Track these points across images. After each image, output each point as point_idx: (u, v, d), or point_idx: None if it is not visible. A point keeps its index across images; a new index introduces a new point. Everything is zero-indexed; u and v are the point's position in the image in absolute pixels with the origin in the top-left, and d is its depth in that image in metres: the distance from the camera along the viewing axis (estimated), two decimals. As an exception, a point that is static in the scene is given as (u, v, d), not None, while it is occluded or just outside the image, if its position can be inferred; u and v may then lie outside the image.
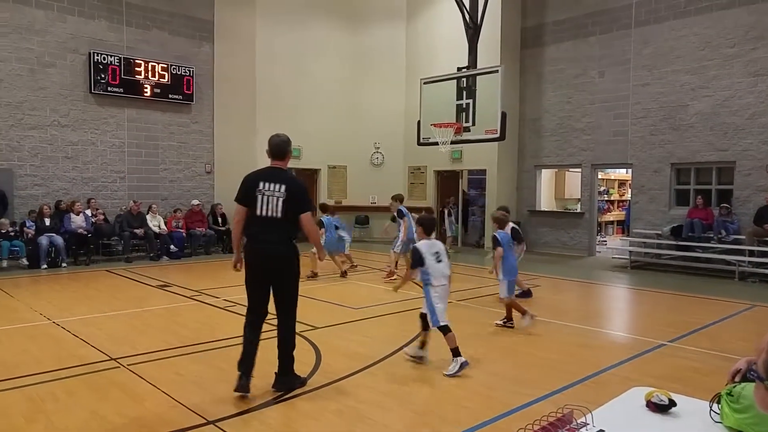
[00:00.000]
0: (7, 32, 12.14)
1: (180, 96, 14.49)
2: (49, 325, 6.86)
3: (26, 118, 12.44)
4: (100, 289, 9.35)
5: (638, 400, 2.37)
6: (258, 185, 4.51)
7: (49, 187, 12.70)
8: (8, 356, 5.66)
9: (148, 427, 4.04)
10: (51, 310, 7.59)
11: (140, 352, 5.77)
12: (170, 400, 4.51)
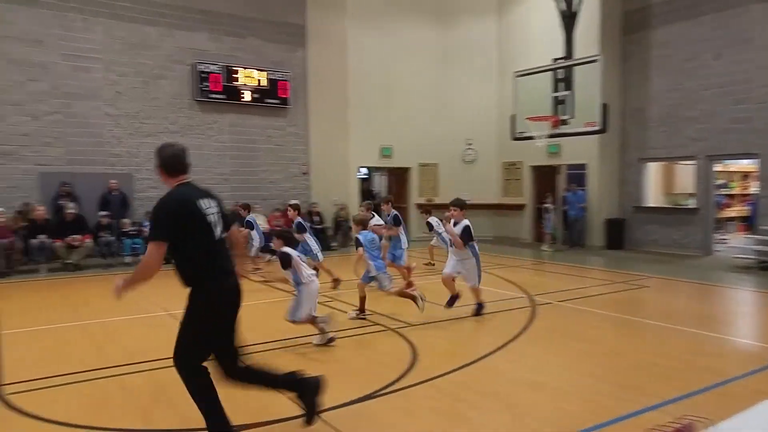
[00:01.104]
0: (125, 49, 13.35)
1: (276, 100, 15.19)
2: (165, 316, 7.45)
3: (142, 126, 13.62)
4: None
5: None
6: (200, 206, 3.52)
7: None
8: (132, 343, 6.23)
9: (252, 414, 4.28)
10: (166, 302, 8.23)
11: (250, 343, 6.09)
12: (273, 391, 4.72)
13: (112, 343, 6.22)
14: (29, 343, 6.28)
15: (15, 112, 12.29)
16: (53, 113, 12.70)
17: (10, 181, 12.26)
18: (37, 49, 12.43)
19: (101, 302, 8.39)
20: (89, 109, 13.05)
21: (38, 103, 12.51)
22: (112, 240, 12.07)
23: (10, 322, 7.21)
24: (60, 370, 5.32)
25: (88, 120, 13.05)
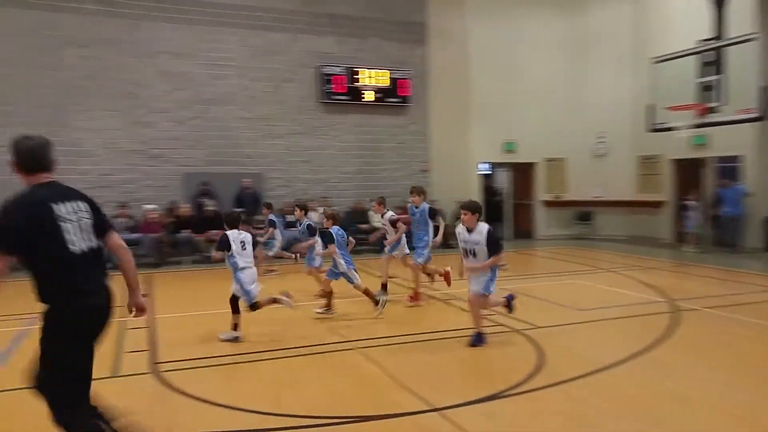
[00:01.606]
0: (256, 56, 14.38)
1: (397, 99, 15.49)
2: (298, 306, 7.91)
3: (272, 128, 14.57)
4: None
5: None
6: (55, 212, 2.97)
7: (291, 187, 14.68)
8: (263, 330, 6.69)
9: (379, 406, 4.41)
10: (298, 292, 8.74)
11: (371, 338, 6.31)
12: (397, 386, 4.84)
13: (251, 329, 6.72)
14: (179, 327, 6.99)
15: (164, 118, 13.74)
16: (195, 118, 14.01)
17: (160, 181, 13.73)
18: (183, 60, 13.79)
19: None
20: (225, 114, 14.23)
21: (183, 110, 13.88)
22: (246, 235, 13.05)
23: (164, 308, 8.07)
24: (205, 353, 5.87)
25: (224, 124, 14.23)
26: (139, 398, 4.62)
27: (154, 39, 13.56)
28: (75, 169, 13.03)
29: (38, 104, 12.69)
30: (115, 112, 13.31)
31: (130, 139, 13.48)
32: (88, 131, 13.13)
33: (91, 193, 11.63)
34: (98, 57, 13.08)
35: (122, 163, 13.42)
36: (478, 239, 5.83)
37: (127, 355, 5.78)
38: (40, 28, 12.63)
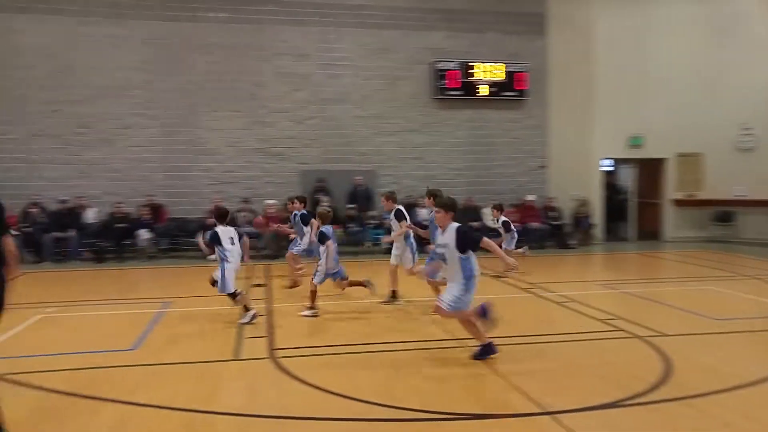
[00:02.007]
0: (370, 54, 14.72)
1: (513, 93, 15.10)
2: (404, 303, 8.02)
3: (385, 126, 14.85)
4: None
5: None
6: None
7: (401, 184, 14.85)
8: (374, 324, 6.85)
9: (488, 404, 4.35)
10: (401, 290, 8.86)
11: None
12: (507, 385, 4.74)
13: (359, 323, 6.93)
14: (295, 317, 7.35)
15: (283, 118, 14.51)
16: (312, 118, 14.66)
17: (279, 178, 14.54)
18: (301, 62, 14.48)
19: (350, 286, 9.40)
20: (340, 113, 14.73)
21: (301, 110, 14.57)
22: (357, 230, 13.44)
23: (280, 297, 8.55)
24: (317, 342, 6.15)
25: (339, 122, 14.74)
26: (258, 381, 4.94)
27: (275, 42, 14.36)
28: (201, 166, 14.23)
29: (171, 107, 13.98)
30: (238, 113, 14.29)
31: (251, 138, 14.41)
32: (214, 131, 14.22)
33: (216, 189, 12.66)
34: (224, 61, 14.11)
35: (244, 160, 14.38)
36: (447, 242, 5.17)
37: (247, 340, 6.19)
38: (172, 36, 13.89)
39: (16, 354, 5.70)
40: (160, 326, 6.79)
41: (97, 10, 13.48)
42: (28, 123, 13.37)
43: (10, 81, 13.21)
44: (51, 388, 4.65)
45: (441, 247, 5.27)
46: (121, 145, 13.79)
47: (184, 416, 4.16)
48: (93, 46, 13.52)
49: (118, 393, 4.55)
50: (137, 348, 5.91)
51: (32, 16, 13.22)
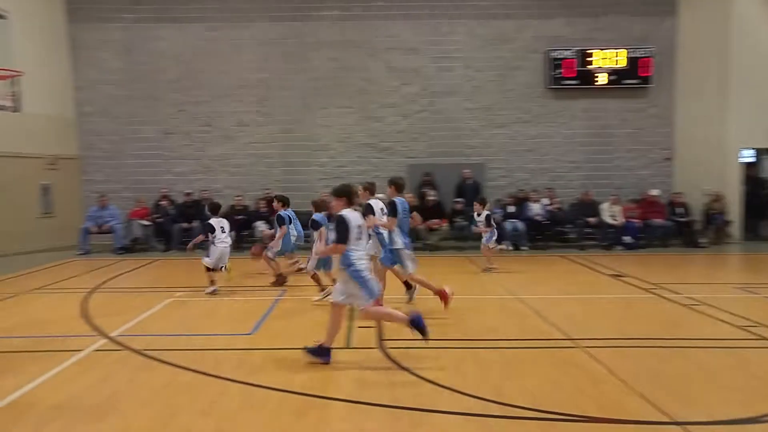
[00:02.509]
0: (483, 45, 14.52)
1: (636, 80, 14.22)
2: (513, 300, 7.88)
3: (495, 118, 14.61)
4: (557, 273, 10.17)
5: None
6: None
7: (512, 177, 14.57)
8: (484, 321, 6.80)
9: (605, 408, 4.16)
10: (514, 287, 8.69)
11: (596, 337, 5.97)
12: (627, 389, 4.50)
13: (471, 319, 6.88)
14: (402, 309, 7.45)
15: (392, 113, 14.74)
16: (421, 111, 14.75)
17: (388, 172, 14.67)
18: (412, 56, 14.60)
19: (458, 280, 9.37)
20: (450, 105, 14.68)
21: (409, 104, 14.72)
22: (465, 225, 13.32)
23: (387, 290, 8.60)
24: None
25: (448, 115, 14.70)
26: (368, 370, 5.08)
27: (385, 37, 14.60)
28: (314, 161, 14.83)
29: (286, 104, 14.70)
30: (349, 109, 14.72)
31: (361, 133, 14.79)
32: (326, 127, 14.76)
33: (328, 183, 13.13)
34: (338, 58, 14.60)
35: (354, 155, 14.80)
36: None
37: (358, 330, 6.38)
38: (288, 36, 14.57)
39: (150, 332, 6.31)
40: (275, 314, 7.19)
41: (222, 16, 14.51)
42: (160, 122, 14.69)
43: (147, 84, 14.59)
44: (182, 366, 5.09)
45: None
46: (241, 142, 14.74)
47: (300, 399, 4.38)
48: (217, 49, 14.56)
49: (240, 374, 4.89)
50: (255, 333, 6.30)
51: (170, 25, 14.51)
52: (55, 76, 13.98)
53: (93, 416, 4.07)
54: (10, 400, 4.36)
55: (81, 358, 5.37)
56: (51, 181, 13.74)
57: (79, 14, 14.44)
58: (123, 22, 14.49)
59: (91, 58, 14.55)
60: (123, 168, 14.76)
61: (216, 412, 4.12)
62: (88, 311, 7.28)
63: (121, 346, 5.74)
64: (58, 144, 14.10)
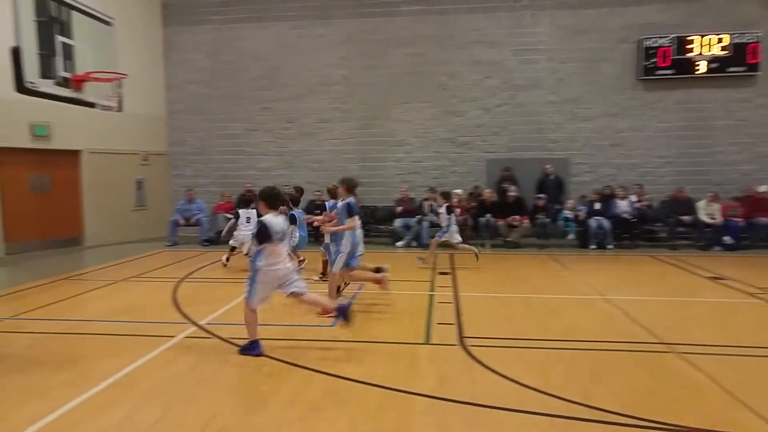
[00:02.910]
0: (568, 36, 14.02)
1: (741, 68, 13.24)
2: (599, 300, 7.57)
3: (580, 111, 14.08)
4: (645, 274, 9.68)
5: None
6: None
7: (597, 173, 13.99)
8: (570, 321, 6.58)
9: (709, 419, 3.91)
10: (599, 287, 8.35)
11: (693, 343, 5.62)
12: (734, 401, 4.21)
13: (552, 318, 6.70)
14: (481, 306, 7.37)
15: (473, 107, 14.55)
16: (501, 105, 14.46)
17: (465, 167, 14.65)
18: (494, 49, 14.34)
19: (540, 279, 9.15)
20: (532, 99, 14.30)
21: (490, 98, 14.47)
22: (547, 222, 12.96)
23: (465, 286, 8.63)
24: (507, 334, 6.08)
25: (530, 109, 14.33)
26: (449, 366, 5.05)
27: (466, 31, 14.42)
28: (391, 157, 14.91)
29: (365, 100, 14.85)
30: (428, 104, 14.68)
31: (440, 128, 14.71)
32: (403, 122, 14.79)
33: (404, 178, 13.26)
34: (418, 53, 14.58)
35: (432, 150, 14.75)
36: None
37: (437, 326, 6.36)
38: (369, 32, 14.70)
39: (235, 322, 6.55)
40: (356, 306, 7.29)
41: (306, 14, 14.86)
42: (245, 119, 15.28)
43: (233, 83, 15.22)
44: (268, 355, 5.27)
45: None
46: (321, 138, 15.07)
47: (382, 392, 4.42)
48: (300, 47, 14.94)
49: (324, 365, 5.00)
50: (336, 325, 6.42)
51: (255, 25, 15.04)
52: (150, 77, 14.87)
53: (186, 400, 4.30)
54: (113, 380, 4.68)
55: (174, 344, 5.68)
56: (144, 176, 14.65)
57: (173, 18, 15.28)
58: (211, 23, 15.18)
59: (182, 59, 15.36)
60: (210, 163, 15.49)
61: (301, 402, 4.23)
62: (177, 299, 7.69)
63: (209, 334, 6.02)
64: (150, 141, 15.00)
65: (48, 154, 12.45)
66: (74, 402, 4.21)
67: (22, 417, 3.97)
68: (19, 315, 6.87)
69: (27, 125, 11.75)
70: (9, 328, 6.29)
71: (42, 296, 7.83)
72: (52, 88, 7.87)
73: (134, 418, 3.98)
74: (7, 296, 8.05)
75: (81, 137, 12.92)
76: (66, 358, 5.26)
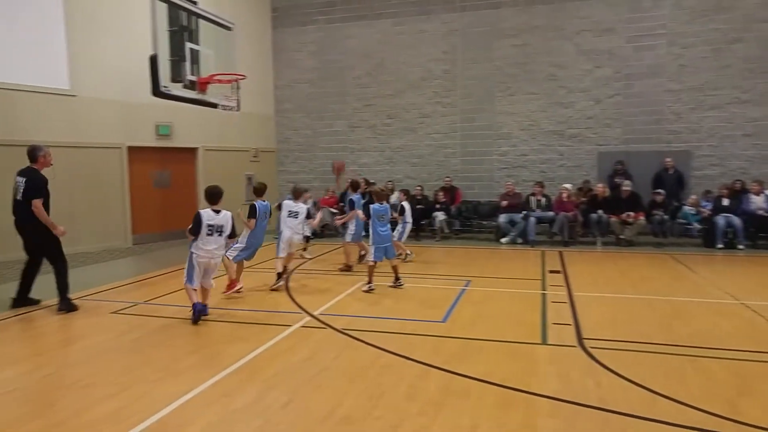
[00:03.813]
0: (693, 18, 13.03)
1: None
2: (734, 305, 6.95)
3: (707, 99, 13.03)
4: (787, 278, 8.78)
5: None
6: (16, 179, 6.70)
7: (725, 166, 12.90)
8: (702, 327, 6.08)
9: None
10: (733, 290, 7.67)
11: None
12: None
13: (680, 323, 6.23)
14: (598, 307, 7.00)
15: (582, 98, 13.92)
16: (614, 95, 13.72)
17: (574, 161, 14.05)
18: (605, 36, 13.64)
19: (661, 280, 8.57)
20: (649, 88, 13.44)
21: (602, 87, 13.77)
22: (665, 219, 12.12)
23: (578, 286, 8.24)
24: (629, 336, 5.72)
25: (647, 98, 13.48)
26: (570, 368, 4.82)
27: (576, 19, 13.82)
28: (495, 150, 14.60)
29: (469, 93, 14.66)
30: (534, 95, 14.22)
31: (547, 120, 14.20)
32: (509, 114, 14.43)
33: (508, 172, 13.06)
34: (523, 45, 14.19)
35: (539, 143, 14.28)
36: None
37: (552, 326, 6.12)
38: (473, 25, 14.48)
39: (347, 313, 6.69)
40: (464, 303, 7.19)
41: (407, 10, 14.92)
42: (348, 116, 15.59)
43: (337, 81, 15.59)
44: (382, 347, 5.31)
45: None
46: (422, 133, 15.06)
47: (502, 392, 4.30)
48: (402, 43, 15.02)
49: (438, 360, 4.95)
50: (447, 321, 6.36)
51: (360, 23, 15.32)
52: (261, 78, 15.56)
53: (309, 387, 4.41)
54: (242, 363, 4.92)
55: (291, 332, 5.88)
56: (253, 171, 15.35)
57: (281, 20, 15.90)
58: (317, 23, 15.62)
59: (289, 59, 15.93)
60: (314, 160, 15.96)
61: (419, 396, 4.20)
62: (290, 290, 7.97)
63: (323, 324, 6.17)
64: (260, 138, 15.71)
65: (169, 152, 13.39)
66: (206, 384, 4.44)
67: (161, 395, 4.25)
68: (150, 300, 7.42)
69: (153, 125, 12.71)
70: (143, 312, 6.81)
71: (169, 283, 8.41)
72: (181, 90, 8.41)
73: (264, 401, 4.14)
74: (137, 283, 8.75)
75: (198, 135, 13.77)
76: (194, 342, 5.62)
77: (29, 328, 6.33)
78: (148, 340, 5.71)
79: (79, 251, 11.30)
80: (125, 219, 12.48)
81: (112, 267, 10.30)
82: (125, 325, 6.25)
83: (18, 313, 6.76)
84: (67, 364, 5.09)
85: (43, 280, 7.12)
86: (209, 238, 6.13)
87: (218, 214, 6.25)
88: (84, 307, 7.03)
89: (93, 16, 11.39)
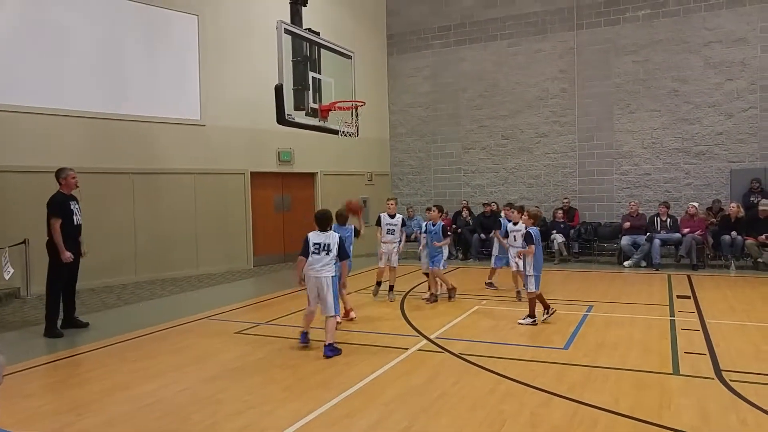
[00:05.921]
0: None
1: None
2: None
3: None
4: None
5: None
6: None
7: None
8: None
9: None
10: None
11: None
12: None
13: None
14: (737, 336, 6.42)
15: (711, 113, 12.95)
16: (748, 109, 12.63)
17: (703, 179, 13.05)
18: (737, 47, 12.64)
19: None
20: (791, 98, 12.23)
21: (734, 101, 12.73)
22: (815, 243, 10.87)
23: (712, 312, 7.62)
24: (777, 372, 5.20)
25: (787, 110, 12.27)
26: (708, 401, 4.47)
27: (702, 30, 12.95)
28: (616, 169, 13.93)
29: (587, 112, 14.15)
30: (656, 112, 13.45)
31: (671, 137, 13.36)
32: (629, 133, 13.74)
33: (630, 192, 12.49)
34: (644, 60, 13.51)
35: (662, 162, 13.45)
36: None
37: (684, 355, 5.71)
38: (591, 43, 14.02)
39: (463, 338, 6.65)
40: (586, 329, 6.91)
41: (525, 31, 14.76)
42: (461, 139, 15.64)
43: (451, 104, 15.73)
44: (502, 373, 5.24)
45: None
46: (538, 153, 14.73)
47: (632, 424, 4.08)
48: (517, 64, 14.87)
49: (561, 389, 4.80)
50: (569, 348, 6.14)
51: (474, 45, 15.40)
52: (377, 103, 16.07)
53: (429, 412, 4.38)
54: (362, 385, 5.03)
55: (408, 355, 5.94)
56: (368, 194, 15.81)
57: (396, 47, 16.38)
58: (431, 48, 15.91)
59: (404, 85, 16.33)
60: (427, 182, 16.14)
61: (544, 425, 4.08)
62: (406, 312, 8.08)
63: (440, 349, 6.18)
64: (375, 162, 16.17)
65: (289, 177, 14.18)
66: (329, 404, 4.56)
67: (286, 413, 4.41)
68: (271, 321, 7.81)
69: (275, 152, 13.56)
70: (265, 332, 7.16)
71: (288, 304, 8.81)
72: (304, 118, 8.92)
73: (384, 424, 4.17)
74: (257, 304, 9.25)
75: (317, 161, 14.46)
76: (315, 363, 5.76)
77: (166, 344, 6.74)
78: (271, 360, 5.92)
79: (203, 272, 12.26)
80: (247, 242, 13.33)
81: (235, 288, 10.96)
82: (249, 345, 6.52)
83: (156, 330, 7.38)
84: (199, 380, 5.32)
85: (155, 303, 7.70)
86: (316, 256, 6.13)
87: (325, 232, 6.20)
88: (210, 326, 7.53)
89: (222, 51, 12.59)
